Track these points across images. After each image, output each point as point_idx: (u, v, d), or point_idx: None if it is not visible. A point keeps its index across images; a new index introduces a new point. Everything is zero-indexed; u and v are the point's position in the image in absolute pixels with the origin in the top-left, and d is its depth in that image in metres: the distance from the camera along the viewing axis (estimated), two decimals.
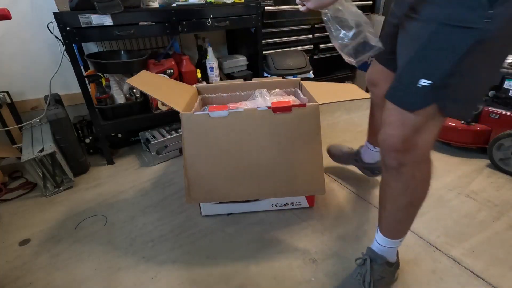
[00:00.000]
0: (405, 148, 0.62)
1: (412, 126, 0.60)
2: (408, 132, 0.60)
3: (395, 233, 0.78)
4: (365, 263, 0.81)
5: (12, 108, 1.63)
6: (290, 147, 1.02)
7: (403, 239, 0.80)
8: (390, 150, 0.64)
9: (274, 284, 0.88)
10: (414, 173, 0.66)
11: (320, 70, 2.22)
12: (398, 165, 0.65)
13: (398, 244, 0.80)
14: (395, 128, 0.62)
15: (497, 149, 1.34)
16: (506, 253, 0.94)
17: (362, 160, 1.27)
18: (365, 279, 0.79)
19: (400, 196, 0.69)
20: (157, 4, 1.46)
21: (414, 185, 0.67)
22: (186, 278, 0.92)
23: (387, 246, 0.80)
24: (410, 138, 0.61)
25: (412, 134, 0.60)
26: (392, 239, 0.78)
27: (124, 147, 1.77)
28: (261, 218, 1.15)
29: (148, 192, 1.34)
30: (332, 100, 1.07)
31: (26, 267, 0.99)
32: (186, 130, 1.00)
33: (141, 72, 1.15)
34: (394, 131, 0.62)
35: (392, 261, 0.83)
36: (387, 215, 0.76)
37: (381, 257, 0.80)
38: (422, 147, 0.62)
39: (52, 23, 1.34)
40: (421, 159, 0.65)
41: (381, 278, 0.80)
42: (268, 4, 1.83)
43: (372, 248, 0.83)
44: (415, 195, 0.69)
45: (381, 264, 0.80)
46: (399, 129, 0.61)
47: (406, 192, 0.68)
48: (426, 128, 0.60)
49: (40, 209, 1.27)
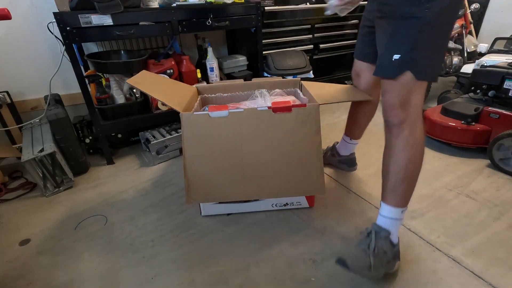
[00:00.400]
0: (402, 105, 0.80)
1: (404, 89, 0.79)
2: (403, 93, 0.80)
3: (398, 199, 0.85)
4: (369, 235, 0.87)
5: (12, 108, 1.63)
6: (290, 147, 1.02)
7: (405, 210, 0.87)
8: (392, 109, 0.81)
9: (274, 284, 0.88)
10: (411, 129, 0.81)
11: (320, 70, 2.22)
12: (399, 122, 0.81)
13: (400, 215, 0.86)
14: (392, 92, 0.81)
15: (497, 149, 1.34)
16: (506, 253, 0.94)
17: (338, 154, 1.40)
18: (369, 246, 0.84)
19: (401, 153, 0.82)
20: (157, 4, 1.46)
21: (412, 141, 0.81)
22: (186, 278, 0.92)
23: (391, 216, 0.86)
24: (405, 97, 0.80)
25: (406, 94, 0.79)
26: (395, 206, 0.85)
27: (124, 147, 1.77)
28: (261, 218, 1.15)
29: (148, 192, 1.34)
30: (332, 100, 1.08)
31: (26, 267, 0.99)
32: (186, 130, 1.00)
33: (141, 72, 1.15)
34: (392, 94, 0.81)
35: (394, 241, 0.87)
36: (390, 178, 0.85)
37: (385, 230, 0.86)
38: (414, 105, 0.80)
39: (52, 23, 1.34)
40: (415, 117, 0.81)
41: (384, 253, 0.84)
42: (268, 4, 1.83)
43: (377, 222, 0.89)
44: (413, 151, 0.82)
45: (385, 238, 0.85)
46: (395, 92, 0.80)
47: (406, 148, 0.81)
48: (413, 90, 0.79)
49: (40, 209, 1.27)
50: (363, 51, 1.06)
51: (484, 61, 1.61)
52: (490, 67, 1.47)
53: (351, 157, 1.40)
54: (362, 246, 0.85)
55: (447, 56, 2.12)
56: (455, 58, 2.13)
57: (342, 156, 1.40)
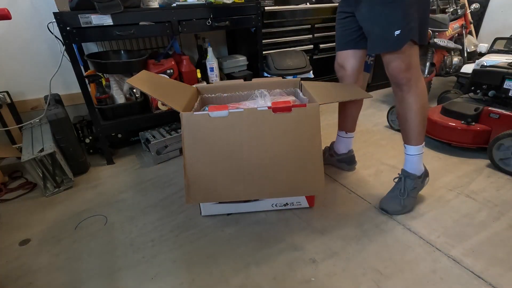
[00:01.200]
0: (407, 67, 0.98)
1: (406, 55, 0.97)
2: (406, 59, 0.97)
3: (419, 138, 1.08)
4: (400, 180, 1.14)
5: (12, 108, 1.63)
6: (290, 147, 1.02)
7: (423, 145, 1.10)
8: (400, 73, 0.99)
9: (274, 284, 0.88)
10: (417, 84, 1.01)
11: (320, 70, 2.22)
12: (406, 80, 1.00)
13: (422, 150, 1.10)
14: (397, 60, 0.98)
15: (497, 149, 1.34)
16: (506, 253, 0.94)
17: (336, 153, 1.43)
18: (401, 191, 1.12)
19: (414, 103, 1.03)
20: (157, 4, 1.46)
21: (420, 92, 1.03)
22: (186, 278, 0.92)
23: (416, 153, 1.10)
24: (408, 62, 0.97)
25: (408, 59, 0.97)
26: (417, 145, 1.08)
27: (124, 147, 1.77)
28: (261, 218, 1.15)
29: (148, 192, 1.34)
30: (332, 100, 1.08)
31: (26, 267, 0.99)
32: (186, 130, 1.00)
33: (141, 72, 1.15)
34: (397, 62, 0.98)
35: (420, 173, 1.13)
36: (410, 124, 1.06)
37: (412, 174, 1.12)
38: (415, 65, 1.00)
39: (52, 23, 1.34)
40: (418, 74, 1.01)
41: (414, 188, 1.12)
42: (268, 4, 1.83)
43: (405, 168, 1.14)
44: (422, 99, 1.04)
45: (413, 179, 1.12)
46: (400, 60, 0.97)
47: (417, 98, 1.02)
48: (413, 54, 0.98)
49: (40, 209, 1.27)
50: (345, 39, 1.17)
51: (484, 61, 1.61)
52: (490, 67, 1.47)
53: (349, 155, 1.41)
54: (396, 192, 1.14)
55: (447, 56, 2.12)
56: (455, 58, 2.13)
57: (340, 154, 1.41)
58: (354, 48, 1.16)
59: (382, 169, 1.42)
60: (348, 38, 1.15)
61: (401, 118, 1.08)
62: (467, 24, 2.23)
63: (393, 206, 1.12)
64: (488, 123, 1.42)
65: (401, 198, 1.11)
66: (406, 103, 1.04)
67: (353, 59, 1.19)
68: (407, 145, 1.10)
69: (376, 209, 1.16)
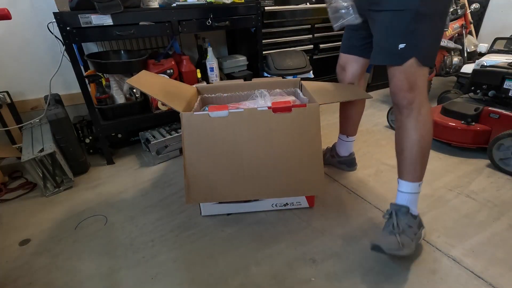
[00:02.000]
0: (410, 88, 0.87)
1: (410, 73, 0.86)
2: (409, 77, 0.86)
3: (415, 174, 0.93)
4: (391, 216, 0.94)
5: (12, 108, 1.63)
6: (290, 147, 1.02)
7: (421, 184, 0.94)
8: (400, 92, 0.88)
9: (274, 284, 0.88)
10: (419, 109, 0.88)
11: (320, 70, 2.22)
12: (408, 103, 0.88)
13: (418, 189, 0.94)
14: (400, 77, 0.88)
15: (497, 149, 1.34)
16: (506, 253, 0.94)
17: (338, 155, 1.42)
18: (393, 226, 0.91)
19: (413, 131, 0.90)
20: (157, 4, 1.46)
21: (422, 120, 0.89)
22: (186, 278, 0.92)
23: (410, 191, 0.94)
24: (411, 81, 0.87)
25: (412, 78, 0.86)
26: (412, 181, 0.93)
27: (124, 147, 1.77)
28: (261, 218, 1.15)
29: (148, 192, 1.34)
30: (332, 100, 1.07)
31: (26, 267, 0.99)
32: (186, 130, 1.00)
33: (141, 72, 1.15)
34: (400, 79, 0.88)
35: (414, 213, 0.94)
36: (406, 155, 0.92)
37: (404, 206, 0.93)
38: (420, 87, 0.88)
39: (52, 23, 1.34)
40: (422, 98, 0.89)
41: (409, 227, 0.91)
42: (268, 4, 1.83)
43: (395, 202, 0.96)
44: (423, 129, 0.89)
45: (405, 213, 0.93)
46: (403, 77, 0.87)
47: (417, 126, 0.89)
48: (418, 73, 0.87)
49: (40, 209, 1.27)
50: (351, 44, 1.11)
51: (484, 61, 1.61)
52: (490, 67, 1.47)
53: (351, 158, 1.41)
54: (388, 228, 0.92)
55: (447, 56, 2.12)
56: (455, 58, 2.13)
57: (342, 157, 1.41)
58: (357, 55, 1.12)
59: (382, 169, 1.42)
60: (354, 43, 1.10)
61: (397, 147, 0.95)
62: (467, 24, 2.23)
63: (388, 242, 0.87)
64: (488, 123, 1.42)
65: (395, 233, 0.89)
66: (404, 129, 0.91)
67: (355, 64, 1.15)
68: (401, 180, 0.95)
69: (376, 208, 1.17)
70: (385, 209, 1.15)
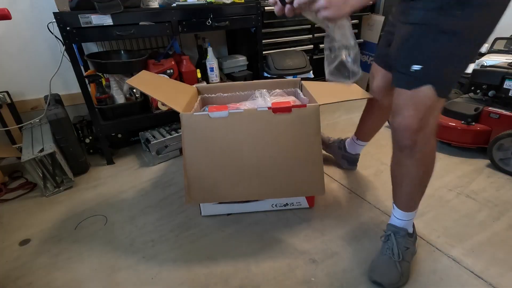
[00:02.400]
0: (420, 126, 0.71)
1: (422, 106, 0.70)
2: (420, 112, 0.70)
3: (412, 205, 0.87)
4: (389, 239, 0.89)
5: (12, 108, 1.63)
6: (290, 147, 1.02)
7: (416, 211, 0.89)
8: (407, 131, 0.73)
9: (274, 284, 0.88)
10: (425, 149, 0.75)
11: (320, 70, 2.19)
12: (412, 144, 0.74)
13: (414, 215, 0.89)
14: (408, 110, 0.71)
15: (497, 149, 1.34)
16: (506, 253, 0.94)
17: (345, 148, 1.40)
18: (393, 252, 0.87)
19: (414, 171, 0.79)
20: (157, 4, 1.46)
21: (425, 159, 0.77)
22: (186, 278, 0.92)
23: (405, 219, 0.89)
24: (422, 117, 0.70)
25: (424, 113, 0.70)
26: (409, 211, 0.88)
27: (124, 147, 1.77)
28: (261, 218, 1.15)
29: (148, 192, 1.34)
30: (332, 100, 1.07)
31: (26, 267, 0.99)
32: (186, 130, 1.00)
33: (141, 72, 1.15)
34: (408, 113, 0.71)
35: (411, 232, 0.91)
36: (404, 191, 0.85)
37: (403, 229, 0.89)
38: (431, 124, 0.73)
39: (52, 23, 1.34)
40: (430, 136, 0.75)
41: (407, 249, 0.88)
42: (268, 4, 1.83)
43: (392, 223, 0.91)
44: (426, 167, 0.80)
45: (403, 235, 0.88)
46: (412, 110, 0.71)
47: (419, 167, 0.78)
48: (433, 107, 0.70)
49: (40, 209, 1.27)
50: (380, 52, 1.00)
51: (484, 61, 1.61)
52: (490, 67, 1.47)
53: (354, 157, 1.40)
54: (387, 254, 0.87)
55: None
56: None
57: (348, 152, 1.40)
58: (382, 66, 1.00)
59: (382, 169, 1.42)
60: (382, 52, 0.96)
61: (394, 180, 0.87)
62: None
63: (389, 276, 0.84)
64: (488, 123, 1.42)
65: (396, 262, 0.85)
66: (403, 166, 0.80)
67: (379, 77, 1.02)
68: (396, 208, 0.89)
69: (376, 208, 1.17)
70: (385, 209, 1.16)
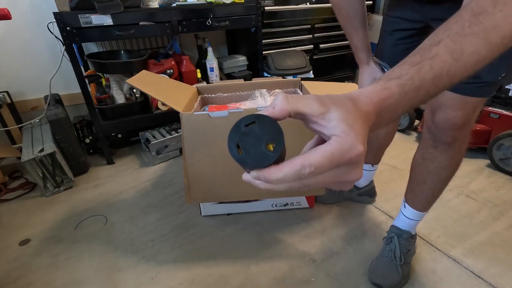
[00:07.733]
0: (464, 125, 0.71)
1: (472, 107, 0.69)
2: (469, 112, 0.69)
3: (427, 205, 0.85)
4: (392, 241, 0.89)
5: (12, 108, 1.63)
6: (290, 147, 1.01)
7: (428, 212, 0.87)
8: (450, 129, 0.71)
9: (274, 284, 0.88)
10: (461, 146, 0.75)
11: (320, 70, 2.22)
12: (452, 140, 0.73)
13: (423, 216, 0.87)
14: (457, 109, 0.69)
15: (497, 149, 1.34)
16: (506, 253, 0.94)
17: (357, 187, 1.20)
18: (395, 254, 0.87)
19: (443, 169, 0.77)
20: (157, 4, 1.46)
21: (458, 157, 0.76)
22: (186, 278, 0.92)
23: (416, 219, 0.87)
24: (470, 117, 0.70)
25: (471, 113, 0.70)
26: (423, 211, 0.85)
27: (124, 147, 1.77)
28: (261, 218, 1.15)
29: (148, 192, 1.34)
30: None
31: (26, 267, 0.99)
32: (186, 130, 1.00)
33: (141, 72, 1.15)
34: (457, 112, 0.69)
35: (413, 233, 0.91)
36: (426, 189, 0.82)
37: (407, 232, 0.88)
38: (473, 121, 0.73)
39: (52, 23, 1.34)
40: (467, 134, 0.74)
41: (408, 251, 0.88)
42: (268, 4, 1.83)
43: (397, 225, 0.90)
44: (457, 165, 0.78)
45: (406, 238, 0.88)
46: (461, 110, 0.69)
47: (451, 164, 0.77)
48: (480, 107, 0.71)
49: (40, 209, 1.27)
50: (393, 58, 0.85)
51: None
52: None
53: (371, 186, 1.21)
54: (388, 256, 0.88)
55: None
56: None
57: (361, 188, 1.20)
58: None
59: (382, 169, 1.42)
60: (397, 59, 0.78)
61: (416, 177, 0.83)
62: None
63: (389, 278, 0.85)
64: (488, 123, 1.42)
65: (398, 265, 0.85)
66: (433, 164, 0.77)
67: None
68: (408, 206, 0.86)
69: (376, 208, 1.16)
70: (385, 209, 1.16)
